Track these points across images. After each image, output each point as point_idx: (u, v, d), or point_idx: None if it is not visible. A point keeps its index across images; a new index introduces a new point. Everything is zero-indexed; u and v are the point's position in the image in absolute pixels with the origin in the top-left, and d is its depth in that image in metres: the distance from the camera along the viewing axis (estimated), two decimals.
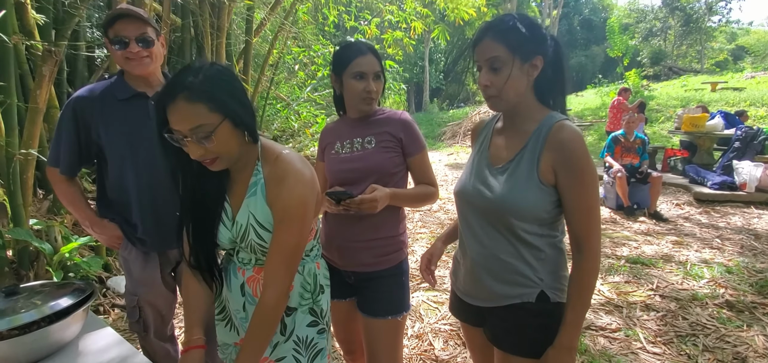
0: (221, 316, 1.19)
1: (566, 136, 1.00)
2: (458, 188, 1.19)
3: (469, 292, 1.18)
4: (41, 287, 1.22)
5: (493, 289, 1.10)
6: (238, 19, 4.83)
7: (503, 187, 1.05)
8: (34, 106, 2.17)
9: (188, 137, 0.92)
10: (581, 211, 1.00)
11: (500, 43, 1.00)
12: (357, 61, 1.36)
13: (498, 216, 1.06)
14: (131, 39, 1.41)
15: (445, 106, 20.74)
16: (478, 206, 1.10)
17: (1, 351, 1.03)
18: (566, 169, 0.99)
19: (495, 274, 1.09)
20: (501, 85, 1.02)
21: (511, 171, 1.05)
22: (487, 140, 1.17)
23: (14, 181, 2.21)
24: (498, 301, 1.10)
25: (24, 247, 2.23)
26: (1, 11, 2.11)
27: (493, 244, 1.09)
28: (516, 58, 1.00)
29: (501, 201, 1.04)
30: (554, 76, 1.06)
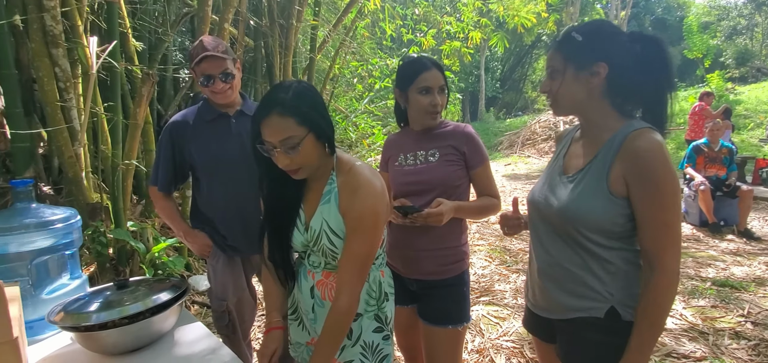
0: (294, 316, 1.26)
1: (641, 146, 0.94)
2: (530, 196, 1.19)
3: (538, 302, 1.16)
4: (144, 282, 1.39)
5: (559, 299, 1.07)
6: (303, 38, 5.12)
7: (569, 196, 1.03)
8: (134, 122, 2.48)
9: (278, 148, 1.01)
10: (655, 226, 0.94)
11: (558, 52, 1.04)
12: (422, 76, 1.40)
13: (561, 225, 1.05)
14: (216, 76, 1.55)
15: (501, 115, 20.16)
16: (544, 215, 1.10)
17: (113, 337, 1.18)
18: (638, 180, 0.94)
19: (560, 283, 1.07)
20: (554, 91, 1.05)
21: (579, 180, 1.04)
22: (565, 149, 1.16)
23: (117, 188, 2.54)
24: (564, 313, 1.07)
25: (122, 246, 2.54)
26: (114, 41, 2.44)
27: (558, 253, 1.07)
28: (569, 66, 1.02)
29: (564, 210, 1.03)
30: (641, 81, 0.99)
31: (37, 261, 1.41)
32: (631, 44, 0.99)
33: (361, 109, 6.37)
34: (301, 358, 1.26)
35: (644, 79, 0.99)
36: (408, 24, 6.45)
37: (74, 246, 1.52)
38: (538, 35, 18.74)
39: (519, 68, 23.60)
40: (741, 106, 11.31)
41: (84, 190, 2.40)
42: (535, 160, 11.10)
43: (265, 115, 1.01)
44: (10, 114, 2.29)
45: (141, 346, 1.24)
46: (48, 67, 2.32)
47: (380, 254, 1.23)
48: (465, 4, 6.25)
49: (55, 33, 2.32)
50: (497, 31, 8.42)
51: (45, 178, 2.54)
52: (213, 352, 1.20)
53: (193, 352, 1.22)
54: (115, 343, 1.19)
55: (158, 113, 3.54)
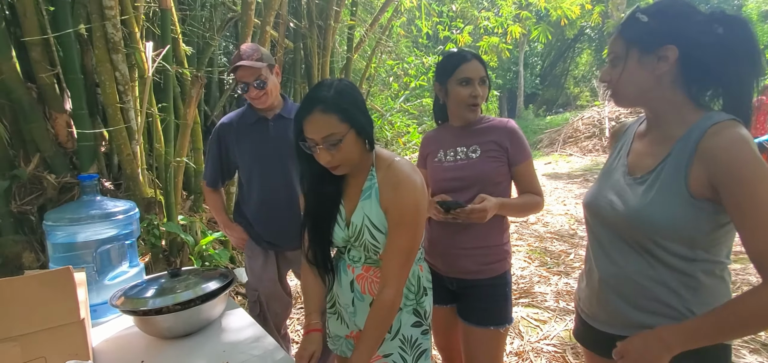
0: (332, 310, 1.29)
1: (723, 143, 0.81)
2: (587, 199, 1.06)
3: (596, 314, 1.04)
4: (194, 272, 1.47)
5: (626, 314, 0.95)
6: (340, 38, 5.21)
7: (640, 199, 0.91)
8: (184, 122, 2.64)
9: (319, 145, 1.03)
10: (753, 229, 0.79)
11: (620, 36, 0.94)
12: (462, 68, 1.38)
13: (632, 233, 0.93)
14: (250, 84, 1.63)
15: (541, 112, 19.48)
16: (609, 220, 0.98)
17: (167, 322, 1.26)
18: (729, 182, 0.80)
19: (628, 298, 0.95)
20: (614, 79, 0.95)
21: (651, 182, 0.91)
22: (627, 146, 1.03)
23: (169, 184, 2.71)
24: (632, 329, 0.94)
25: (174, 238, 2.70)
26: (167, 46, 2.60)
27: (626, 264, 0.95)
28: (632, 51, 0.91)
29: (635, 216, 0.91)
30: (721, 68, 0.86)
31: (101, 249, 1.53)
32: (709, 24, 0.86)
33: (396, 107, 6.39)
34: (340, 350, 1.29)
35: (726, 65, 0.85)
36: (444, 21, 6.38)
37: (133, 236, 1.64)
38: (581, 28, 17.94)
39: (560, 63, 22.68)
40: None
41: (140, 185, 2.57)
42: (577, 159, 10.63)
43: (307, 113, 1.03)
44: (76, 115, 2.50)
45: (192, 331, 1.32)
46: (109, 72, 2.51)
47: (419, 248, 1.23)
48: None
49: (116, 40, 2.50)
50: (539, 24, 8.12)
51: (106, 175, 2.75)
52: (257, 340, 1.25)
53: (240, 339, 1.28)
54: (169, 327, 1.27)
55: (205, 114, 3.73)
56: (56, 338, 1.04)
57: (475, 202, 1.33)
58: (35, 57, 2.36)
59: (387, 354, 1.18)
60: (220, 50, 4.17)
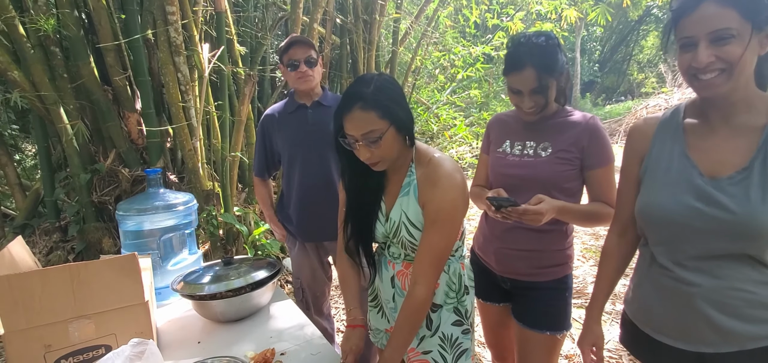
0: (374, 303, 1.31)
1: None
2: (656, 207, 0.93)
3: (681, 335, 0.93)
4: (245, 260, 1.56)
5: (736, 330, 0.85)
6: (386, 32, 5.22)
7: (752, 202, 0.80)
8: (238, 118, 2.79)
9: (359, 141, 1.03)
10: None
11: (730, 7, 0.76)
12: (511, 77, 1.23)
13: (745, 241, 0.82)
14: (301, 61, 1.70)
15: (600, 101, 18.23)
16: (701, 230, 0.86)
17: (221, 307, 1.35)
18: None
19: (733, 310, 0.85)
20: (734, 60, 0.77)
21: (753, 181, 0.80)
22: (680, 144, 0.92)
23: (225, 177, 2.90)
24: (737, 344, 0.86)
25: (230, 228, 2.88)
26: (222, 47, 2.76)
27: (731, 275, 0.85)
28: (752, 27, 0.76)
29: (753, 220, 0.80)
30: None
31: (164, 237, 1.67)
32: None
33: (442, 100, 6.28)
34: (381, 343, 1.31)
35: None
36: (493, 8, 6.15)
37: (192, 226, 1.77)
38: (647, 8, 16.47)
39: (622, 47, 21.01)
40: None
41: (200, 178, 2.76)
42: None
43: (347, 110, 1.02)
44: (145, 114, 2.73)
45: (242, 316, 1.40)
46: (172, 73, 2.71)
47: (459, 246, 1.21)
48: None
49: (177, 43, 2.69)
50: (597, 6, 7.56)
51: (171, 168, 2.98)
52: (302, 328, 1.31)
53: (286, 326, 1.34)
54: (223, 312, 1.36)
55: (258, 110, 3.91)
56: (124, 318, 1.16)
57: (531, 202, 1.18)
58: (109, 61, 2.61)
59: (427, 351, 1.18)
60: (271, 49, 4.34)
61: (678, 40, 0.84)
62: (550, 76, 1.21)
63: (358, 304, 1.20)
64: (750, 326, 0.84)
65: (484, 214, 1.43)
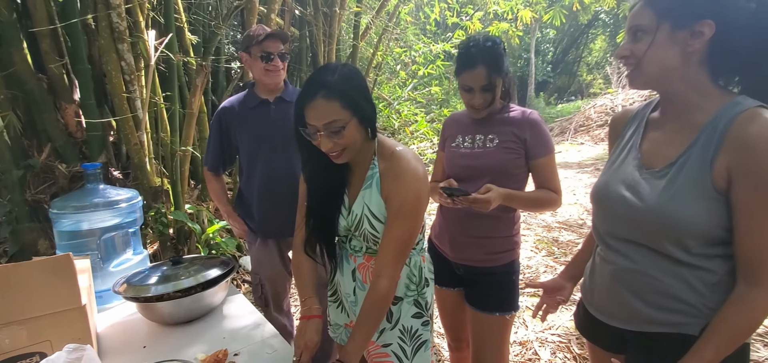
0: (333, 298, 1.29)
1: (756, 131, 0.74)
2: (596, 192, 0.99)
3: (606, 309, 0.98)
4: (196, 259, 1.48)
5: (640, 310, 0.90)
6: (347, 26, 5.16)
7: (661, 195, 0.83)
8: (190, 111, 2.65)
9: (321, 132, 1.00)
10: (765, 233, 0.75)
11: (649, 9, 0.82)
12: (464, 75, 1.35)
13: (652, 232, 0.86)
14: (275, 55, 1.66)
15: (552, 100, 19.16)
16: (624, 217, 0.90)
17: (168, 308, 1.27)
18: (747, 174, 0.74)
19: (642, 293, 0.89)
20: (639, 55, 0.83)
21: (673, 176, 0.83)
22: (639, 134, 0.95)
23: (176, 173, 2.74)
24: (645, 325, 0.90)
25: (181, 226, 2.74)
26: (169, 35, 2.61)
27: (641, 259, 0.89)
28: (664, 24, 0.80)
29: (656, 214, 0.83)
30: (751, 49, 0.78)
31: (105, 237, 1.55)
32: (746, 1, 0.78)
33: (404, 96, 6.33)
34: (340, 339, 1.29)
35: (756, 45, 0.78)
36: (453, 7, 6.26)
37: (136, 224, 1.66)
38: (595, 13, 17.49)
39: (573, 49, 22.20)
40: None
41: (148, 174, 2.60)
42: (588, 148, 10.45)
43: (310, 98, 0.99)
44: (84, 105, 2.53)
45: (193, 318, 1.33)
46: (115, 61, 2.53)
47: (420, 239, 1.21)
48: None
49: (121, 29, 2.51)
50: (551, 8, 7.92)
51: (115, 164, 2.79)
52: (257, 327, 1.26)
53: (239, 325, 1.29)
54: (171, 314, 1.28)
55: (213, 103, 3.74)
56: (59, 323, 1.07)
57: (480, 191, 1.30)
58: (45, 48, 2.39)
59: (387, 344, 1.17)
60: (226, 39, 4.17)
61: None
62: (498, 75, 1.34)
63: (314, 294, 1.16)
64: (651, 310, 0.88)
65: (440, 205, 1.50)
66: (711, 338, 0.80)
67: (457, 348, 1.68)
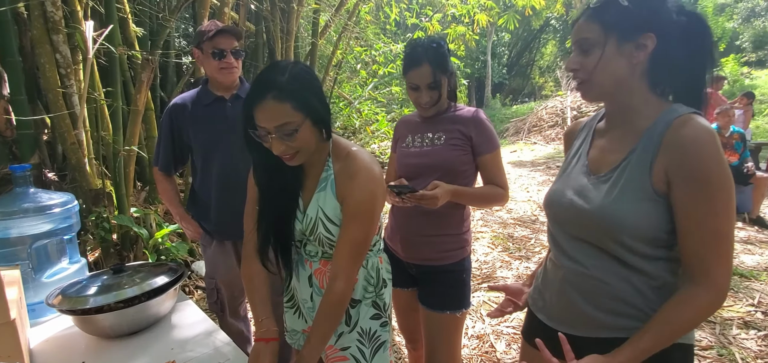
0: (290, 304, 1.26)
1: (689, 134, 0.78)
2: (548, 198, 1.01)
3: (556, 315, 0.98)
4: (141, 266, 1.39)
5: (589, 315, 0.90)
6: (305, 23, 5.07)
7: (605, 197, 0.86)
8: (135, 108, 2.49)
9: (272, 134, 0.95)
10: (703, 233, 0.78)
11: (595, 22, 0.85)
12: (411, 73, 1.38)
13: (597, 233, 0.88)
14: (228, 51, 1.59)
15: (508, 101, 19.93)
16: (572, 221, 0.93)
17: (109, 320, 1.19)
18: (683, 175, 0.78)
19: (591, 298, 0.90)
20: (590, 68, 0.86)
21: (616, 179, 0.86)
22: (587, 143, 0.98)
23: (119, 174, 2.56)
24: (595, 330, 0.91)
25: (126, 231, 2.56)
26: (109, 26, 2.43)
27: (590, 263, 0.90)
28: (611, 37, 0.83)
29: (600, 215, 0.86)
30: (683, 60, 0.84)
31: (37, 245, 1.42)
32: (678, 15, 0.84)
33: (364, 95, 6.33)
34: (298, 344, 1.27)
35: (687, 56, 0.83)
36: (412, 8, 6.34)
37: (73, 230, 1.53)
38: (546, 19, 18.40)
39: (526, 53, 23.22)
40: (757, 91, 11.00)
41: (87, 176, 2.41)
42: (541, 147, 10.98)
43: (259, 99, 0.93)
44: (14, 101, 2.31)
45: (138, 329, 1.25)
46: (49, 54, 2.32)
47: (377, 240, 1.21)
48: None
49: (56, 19, 2.31)
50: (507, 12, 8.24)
51: (50, 165, 2.56)
52: (208, 335, 1.21)
53: (189, 335, 1.23)
54: (112, 326, 1.20)
55: (161, 100, 3.55)
56: None
57: (427, 188, 1.32)
58: None
59: (345, 347, 1.16)
60: (177, 32, 3.96)
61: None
62: (443, 73, 1.37)
63: (270, 314, 1.10)
64: (601, 314, 0.89)
65: (392, 206, 1.51)
66: (650, 329, 0.82)
67: (414, 348, 1.69)
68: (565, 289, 0.94)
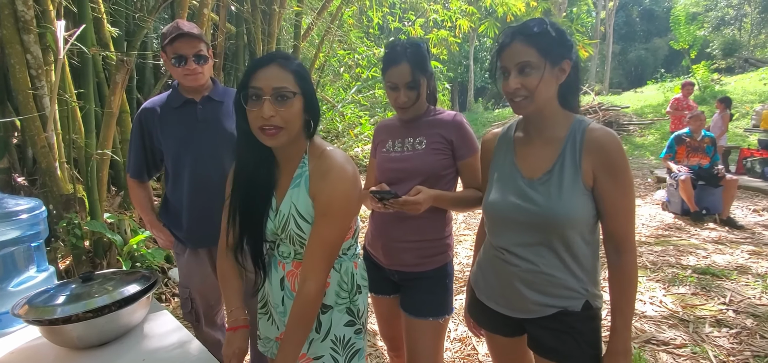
0: (263, 310, 1.22)
1: (604, 138, 1.01)
2: (491, 205, 1.14)
3: (505, 304, 1.16)
4: (112, 274, 1.35)
5: (536, 300, 1.09)
6: (287, 25, 5.03)
7: (551, 198, 1.03)
8: (109, 110, 2.41)
9: (267, 96, 0.97)
10: (624, 212, 1.01)
11: (531, 47, 0.99)
12: (390, 72, 1.36)
13: (547, 229, 1.04)
14: (189, 57, 1.53)
15: (490, 105, 20.22)
16: (520, 221, 1.08)
17: (78, 331, 1.14)
18: (607, 170, 1.00)
19: (538, 287, 1.08)
20: (532, 88, 1.00)
21: (553, 181, 1.03)
22: (511, 153, 1.14)
23: (92, 179, 2.47)
24: (540, 312, 1.09)
25: (99, 238, 2.48)
26: (81, 26, 2.35)
27: (537, 259, 1.07)
28: (546, 61, 0.99)
29: (552, 213, 1.02)
30: (575, 79, 1.07)
31: (2, 252, 1.36)
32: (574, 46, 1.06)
33: (347, 98, 6.31)
34: (271, 353, 1.22)
35: (577, 77, 1.08)
36: (395, 12, 6.37)
37: (40, 237, 1.47)
38: None
39: None
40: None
41: (58, 180, 2.33)
42: None
43: (263, 64, 1.00)
44: None
45: (109, 339, 1.21)
46: (19, 54, 2.24)
47: (353, 244, 1.19)
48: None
49: (27, 18, 2.23)
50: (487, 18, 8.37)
51: (19, 169, 2.47)
52: (181, 346, 1.18)
53: (162, 345, 1.19)
54: (81, 337, 1.15)
55: (138, 102, 3.45)
56: None
57: (410, 193, 1.30)
58: None
59: (318, 356, 1.13)
60: (154, 33, 3.87)
61: (499, 69, 1.06)
62: (422, 73, 1.37)
63: (241, 304, 1.13)
64: (548, 299, 1.08)
65: (372, 211, 1.49)
66: (615, 314, 1.04)
67: (397, 355, 1.67)
68: (515, 284, 1.11)
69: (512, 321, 1.16)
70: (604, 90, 19.62)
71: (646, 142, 10.00)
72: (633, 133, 11.24)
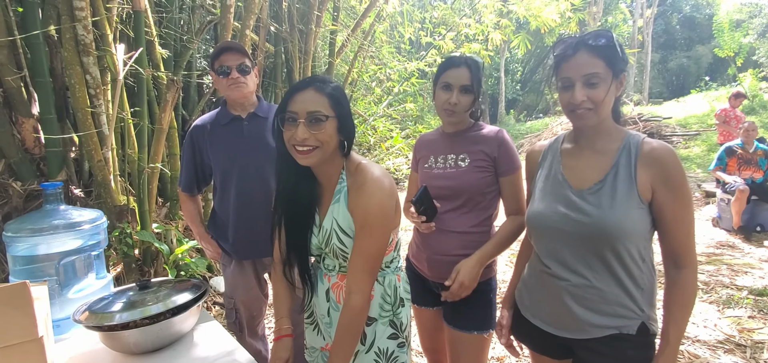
0: (310, 320, 1.26)
1: (662, 151, 0.98)
2: (537, 215, 1.11)
3: (553, 321, 1.11)
4: (165, 283, 1.41)
5: (586, 319, 1.03)
6: (322, 43, 5.18)
7: (602, 207, 0.99)
8: (159, 127, 2.56)
9: (302, 119, 1.02)
10: (684, 225, 0.98)
11: (599, 58, 0.97)
12: (447, 73, 1.39)
13: (598, 240, 1.00)
14: (233, 68, 1.61)
15: (522, 117, 19.83)
16: (568, 232, 1.03)
17: (134, 337, 1.20)
18: (666, 184, 0.97)
19: (589, 304, 1.03)
20: (599, 100, 0.98)
21: (605, 191, 1.00)
22: (557, 164, 1.12)
23: (143, 191, 2.63)
24: (591, 332, 1.03)
25: (148, 247, 2.61)
26: (139, 49, 2.52)
27: (588, 272, 1.02)
28: (611, 73, 0.98)
29: (603, 222, 0.98)
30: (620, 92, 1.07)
31: (65, 261, 1.45)
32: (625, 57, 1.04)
33: (379, 112, 6.38)
34: (316, 362, 1.26)
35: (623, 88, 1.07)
36: (426, 27, 6.42)
37: (100, 247, 1.56)
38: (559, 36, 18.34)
39: (540, 69, 23.14)
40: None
41: (112, 192, 2.48)
42: None
43: (302, 88, 1.05)
44: (43, 119, 2.40)
45: (162, 346, 1.26)
46: (79, 75, 2.42)
47: (395, 257, 1.21)
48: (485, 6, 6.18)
49: (86, 42, 2.41)
50: (518, 33, 8.29)
51: (76, 182, 2.64)
52: (229, 354, 1.21)
53: (211, 353, 1.23)
54: (137, 343, 1.21)
55: (183, 118, 3.64)
56: (13, 357, 0.98)
57: (450, 279, 1.34)
58: (1, 59, 2.25)
59: None
60: (199, 54, 4.09)
61: (559, 80, 1.03)
62: (477, 84, 1.39)
63: (287, 314, 1.17)
64: (600, 318, 1.02)
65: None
66: (668, 326, 0.99)
67: None
68: (564, 299, 1.05)
69: (560, 341, 1.11)
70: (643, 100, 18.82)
71: (691, 154, 9.48)
72: (677, 145, 10.68)
